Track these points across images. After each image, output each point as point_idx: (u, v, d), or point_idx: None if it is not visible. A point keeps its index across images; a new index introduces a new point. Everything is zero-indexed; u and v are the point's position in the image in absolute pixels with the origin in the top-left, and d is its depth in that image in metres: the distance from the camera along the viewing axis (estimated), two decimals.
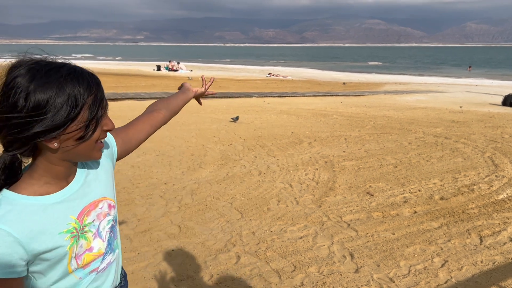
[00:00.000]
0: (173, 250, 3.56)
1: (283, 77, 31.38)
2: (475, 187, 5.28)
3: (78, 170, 1.12)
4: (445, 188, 5.27)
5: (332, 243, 3.70)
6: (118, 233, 1.24)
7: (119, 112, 10.96)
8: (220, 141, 7.89)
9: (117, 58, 73.16)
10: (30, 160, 1.04)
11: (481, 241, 3.81)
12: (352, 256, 3.48)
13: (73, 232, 1.05)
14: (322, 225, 4.09)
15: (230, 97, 15.39)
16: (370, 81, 28.49)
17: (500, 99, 14.95)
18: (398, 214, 4.42)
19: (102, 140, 1.09)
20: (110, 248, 1.17)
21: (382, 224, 4.17)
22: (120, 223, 4.13)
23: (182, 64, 36.85)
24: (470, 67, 47.66)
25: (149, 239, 3.75)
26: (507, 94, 14.65)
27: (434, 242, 3.77)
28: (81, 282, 1.10)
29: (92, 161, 1.16)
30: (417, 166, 6.24)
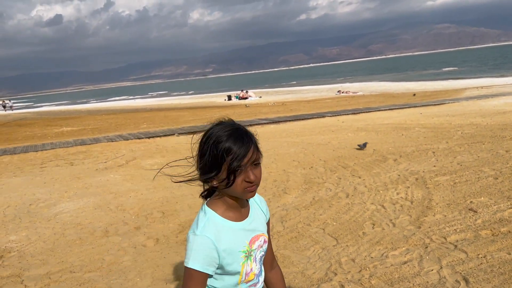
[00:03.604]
0: None
1: (353, 93, 30.80)
2: None
3: (250, 206, 1.53)
4: None
5: (441, 267, 3.44)
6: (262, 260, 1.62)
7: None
8: (300, 165, 7.83)
9: (189, 92, 76.77)
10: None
11: None
12: (466, 281, 3.20)
13: (246, 253, 1.45)
14: (426, 247, 3.84)
15: (302, 119, 15.36)
16: (448, 88, 27.00)
17: None
18: (510, 231, 4.03)
19: (250, 187, 1.39)
20: (261, 270, 1.57)
21: (494, 243, 3.81)
22: None
23: (250, 92, 37.70)
24: None
25: None
26: None
27: None
28: None
29: (256, 207, 1.57)
30: None
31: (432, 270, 3.42)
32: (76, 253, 4.53)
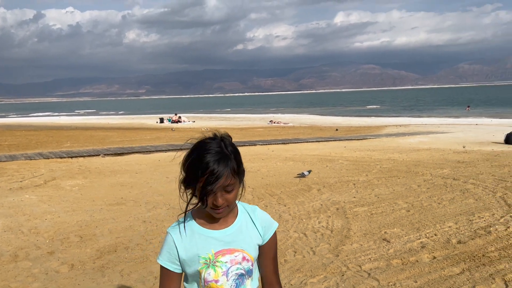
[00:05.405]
0: None
1: (284, 124, 31.78)
2: (491, 229, 5.21)
3: (236, 221, 1.52)
4: (461, 231, 5.20)
5: None
6: (247, 282, 1.53)
7: (126, 166, 11.02)
8: None
9: (120, 112, 74.42)
10: None
11: (507, 285, 3.72)
12: None
13: (207, 261, 1.46)
14: (342, 275, 4.01)
15: None
16: (371, 124, 28.82)
17: (502, 137, 15.04)
18: (417, 261, 4.35)
19: (217, 209, 1.42)
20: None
21: (403, 272, 4.08)
22: (137, 281, 4.06)
23: (184, 116, 37.44)
24: (468, 106, 48.34)
25: None
26: (509, 132, 14.76)
27: None
28: None
29: (247, 221, 1.54)
30: (429, 210, 6.20)
31: None
32: None
